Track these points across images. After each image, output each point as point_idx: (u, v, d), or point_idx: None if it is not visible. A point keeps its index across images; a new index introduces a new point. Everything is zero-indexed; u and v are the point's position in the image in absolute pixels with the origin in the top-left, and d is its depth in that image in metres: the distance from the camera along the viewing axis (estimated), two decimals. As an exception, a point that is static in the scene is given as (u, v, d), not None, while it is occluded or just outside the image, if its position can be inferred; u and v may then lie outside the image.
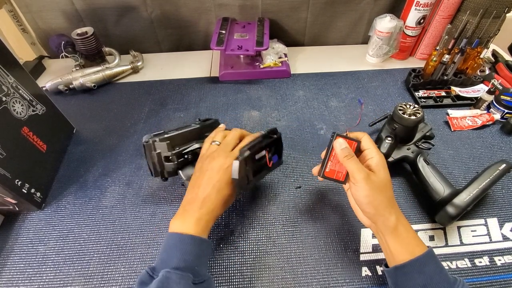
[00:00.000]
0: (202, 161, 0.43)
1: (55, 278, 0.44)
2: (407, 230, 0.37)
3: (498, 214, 0.51)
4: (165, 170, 0.45)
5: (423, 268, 0.35)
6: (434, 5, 0.74)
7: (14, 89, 0.49)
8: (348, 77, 0.80)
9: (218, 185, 0.40)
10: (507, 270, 0.45)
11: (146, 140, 0.44)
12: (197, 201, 0.40)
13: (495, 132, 0.65)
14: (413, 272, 0.35)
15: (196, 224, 0.38)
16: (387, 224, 0.37)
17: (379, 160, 0.39)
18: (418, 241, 0.37)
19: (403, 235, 0.37)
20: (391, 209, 0.38)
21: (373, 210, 0.38)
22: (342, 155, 0.39)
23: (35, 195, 0.51)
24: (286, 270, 0.45)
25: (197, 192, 0.40)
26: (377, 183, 0.37)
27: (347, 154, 0.39)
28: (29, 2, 0.79)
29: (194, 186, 0.41)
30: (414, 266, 0.35)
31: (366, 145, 0.40)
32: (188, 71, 0.83)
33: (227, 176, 0.41)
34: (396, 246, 0.37)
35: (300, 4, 0.83)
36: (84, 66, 0.77)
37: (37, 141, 0.53)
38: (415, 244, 0.37)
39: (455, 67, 0.71)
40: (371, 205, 0.37)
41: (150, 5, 0.82)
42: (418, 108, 0.52)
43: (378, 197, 0.37)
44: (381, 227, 0.38)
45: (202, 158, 0.44)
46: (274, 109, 0.71)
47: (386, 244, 0.38)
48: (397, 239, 0.37)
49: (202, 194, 0.40)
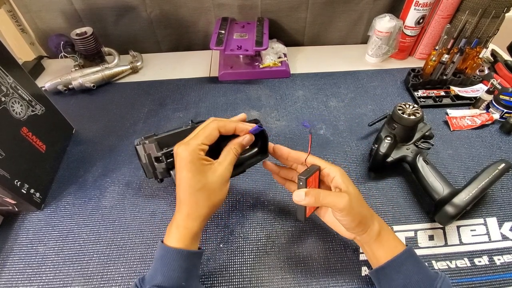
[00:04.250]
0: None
1: (54, 278, 0.44)
2: (388, 233, 0.38)
3: (497, 213, 0.51)
4: (157, 171, 0.45)
5: (400, 268, 0.36)
6: (433, 5, 0.74)
7: (13, 89, 0.49)
8: (347, 77, 0.80)
9: (185, 185, 0.34)
10: (506, 270, 0.45)
11: (137, 142, 0.44)
12: (177, 206, 0.36)
13: (494, 131, 0.65)
14: (392, 273, 0.36)
15: (178, 233, 0.34)
16: (372, 233, 0.37)
17: (341, 175, 0.37)
18: (398, 242, 0.38)
19: (384, 239, 0.38)
20: (372, 217, 0.38)
21: (360, 226, 0.37)
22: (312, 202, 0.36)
23: (35, 195, 0.51)
24: (286, 270, 0.45)
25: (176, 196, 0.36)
26: (353, 199, 0.36)
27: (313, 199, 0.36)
28: (28, 2, 0.79)
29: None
30: (392, 267, 0.36)
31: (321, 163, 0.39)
32: (187, 71, 0.83)
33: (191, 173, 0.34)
34: (379, 251, 0.38)
35: (299, 4, 0.83)
36: (83, 66, 0.77)
37: (36, 141, 0.53)
38: (396, 246, 0.37)
39: (454, 67, 0.71)
40: (357, 222, 0.36)
41: (150, 5, 0.82)
42: (417, 108, 0.52)
43: (360, 211, 0.37)
44: (366, 238, 0.38)
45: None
46: (273, 109, 0.71)
47: (370, 251, 0.38)
48: (380, 244, 0.38)
49: (178, 197, 0.35)
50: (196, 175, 0.34)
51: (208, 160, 0.35)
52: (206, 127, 0.36)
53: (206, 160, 0.35)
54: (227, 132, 0.37)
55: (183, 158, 0.34)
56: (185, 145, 0.34)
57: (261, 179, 0.56)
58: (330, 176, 0.38)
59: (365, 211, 0.38)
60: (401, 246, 0.38)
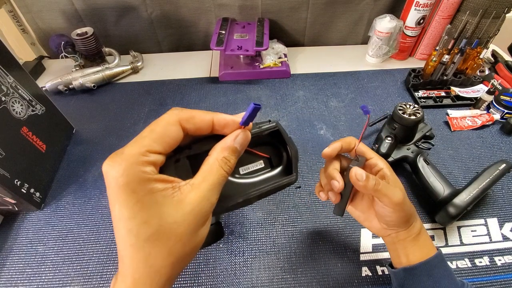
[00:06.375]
0: None
1: (54, 278, 0.44)
2: (425, 233, 0.37)
3: (498, 214, 0.51)
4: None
5: (432, 271, 0.34)
6: (433, 6, 0.74)
7: (13, 89, 0.49)
8: (348, 77, 0.80)
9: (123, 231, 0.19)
10: (507, 270, 0.45)
11: None
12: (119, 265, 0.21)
13: (495, 132, 0.65)
14: (422, 275, 0.34)
15: None
16: (412, 231, 0.35)
17: (388, 168, 0.35)
18: (432, 244, 0.36)
19: (422, 239, 0.36)
20: (415, 215, 0.36)
21: (407, 223, 0.35)
22: (370, 186, 0.32)
23: (35, 195, 0.51)
24: (286, 270, 0.45)
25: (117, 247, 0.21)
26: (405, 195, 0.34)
27: (375, 181, 0.32)
28: (29, 2, 0.79)
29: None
30: (423, 269, 0.34)
31: (370, 153, 0.36)
32: (188, 71, 0.83)
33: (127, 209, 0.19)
34: (414, 250, 0.35)
35: (300, 4, 0.84)
36: (84, 66, 0.77)
37: (36, 141, 0.53)
38: (429, 248, 0.36)
39: (454, 67, 0.71)
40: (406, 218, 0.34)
41: (150, 5, 0.82)
42: (418, 108, 0.52)
43: (410, 208, 0.35)
44: (403, 235, 0.35)
45: None
46: (274, 109, 0.71)
47: (403, 250, 0.36)
48: (417, 244, 0.35)
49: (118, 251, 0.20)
50: (139, 211, 0.19)
51: (165, 181, 0.21)
52: (156, 122, 0.21)
53: (161, 181, 0.20)
54: (198, 128, 0.23)
55: (112, 181, 0.19)
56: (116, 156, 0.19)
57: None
58: (377, 166, 0.35)
59: (412, 208, 0.35)
60: (434, 249, 0.36)
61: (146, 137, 0.20)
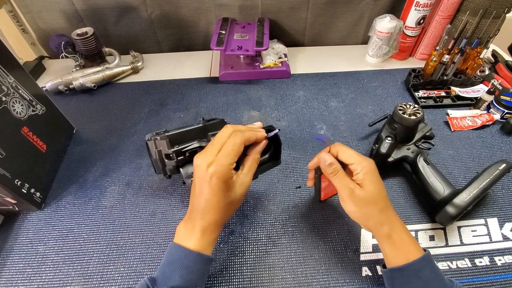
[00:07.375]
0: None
1: (54, 278, 0.44)
2: (401, 238, 0.38)
3: (498, 214, 0.51)
4: (167, 168, 0.45)
5: (419, 273, 0.36)
6: (433, 6, 0.74)
7: (14, 89, 0.49)
8: (348, 77, 0.80)
9: (214, 200, 0.35)
10: (507, 270, 0.45)
11: (148, 138, 0.45)
12: (198, 211, 0.36)
13: (495, 132, 0.65)
14: (410, 276, 0.36)
15: (201, 237, 0.36)
16: (380, 234, 0.38)
17: (366, 172, 0.38)
18: (413, 247, 0.37)
19: (397, 243, 0.37)
20: (383, 220, 0.38)
21: (364, 222, 0.40)
22: (328, 171, 0.40)
23: (35, 195, 0.51)
24: (286, 270, 0.45)
25: (194, 202, 0.36)
26: (363, 197, 0.37)
27: (332, 170, 0.39)
28: (29, 2, 0.79)
29: (192, 193, 0.37)
30: (410, 270, 0.36)
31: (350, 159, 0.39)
32: (188, 71, 0.83)
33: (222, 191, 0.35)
34: (391, 251, 0.38)
35: (300, 4, 0.84)
36: (84, 66, 0.77)
37: (36, 141, 0.53)
38: (409, 250, 0.37)
39: (455, 67, 0.71)
40: (360, 219, 0.39)
41: (150, 5, 0.82)
42: (418, 108, 0.52)
43: (366, 211, 0.38)
44: (376, 235, 0.39)
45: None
46: (274, 109, 0.71)
47: (382, 249, 0.39)
48: (392, 245, 0.38)
49: (199, 205, 0.36)
50: (227, 191, 0.35)
51: (233, 173, 0.36)
52: (234, 144, 0.35)
53: (234, 174, 0.36)
54: (250, 143, 0.39)
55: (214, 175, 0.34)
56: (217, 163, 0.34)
57: (261, 179, 0.56)
58: (355, 171, 0.39)
59: (374, 211, 0.38)
60: (418, 250, 0.37)
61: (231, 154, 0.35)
